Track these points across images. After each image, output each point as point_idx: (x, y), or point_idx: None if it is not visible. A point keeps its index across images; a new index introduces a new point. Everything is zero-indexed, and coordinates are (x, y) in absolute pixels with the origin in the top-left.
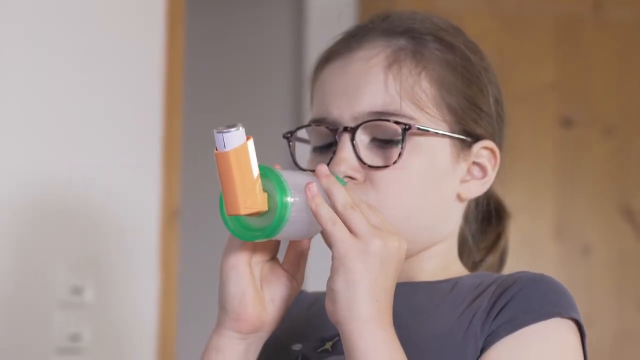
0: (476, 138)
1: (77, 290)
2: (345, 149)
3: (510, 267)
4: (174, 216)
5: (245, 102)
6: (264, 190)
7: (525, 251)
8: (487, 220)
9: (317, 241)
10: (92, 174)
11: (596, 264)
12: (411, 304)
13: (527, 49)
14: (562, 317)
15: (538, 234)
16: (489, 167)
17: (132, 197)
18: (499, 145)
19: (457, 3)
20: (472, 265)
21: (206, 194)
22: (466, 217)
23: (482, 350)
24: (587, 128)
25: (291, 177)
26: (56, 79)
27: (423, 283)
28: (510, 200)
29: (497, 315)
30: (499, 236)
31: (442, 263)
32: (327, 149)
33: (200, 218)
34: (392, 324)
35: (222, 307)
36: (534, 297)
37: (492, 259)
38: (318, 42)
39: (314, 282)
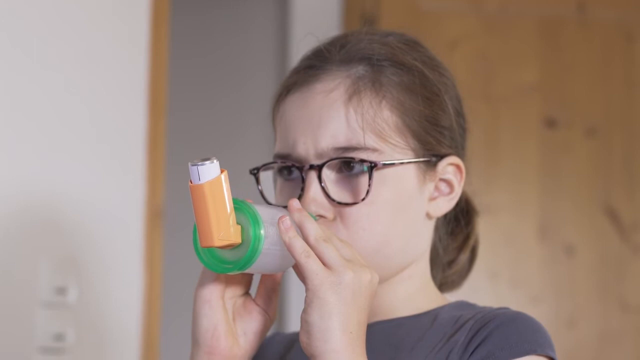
0: (441, 156)
1: (61, 290)
2: (312, 187)
3: (495, 266)
4: (158, 216)
5: (229, 101)
6: (238, 223)
7: (509, 251)
8: (454, 221)
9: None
10: (76, 174)
11: (579, 264)
12: (392, 341)
13: (510, 49)
14: (538, 354)
15: (521, 234)
16: (455, 182)
17: (116, 197)
18: (463, 157)
19: (440, 4)
20: (445, 267)
21: (190, 194)
22: (436, 228)
23: None
24: (571, 128)
25: (264, 211)
26: (38, 80)
27: (403, 319)
28: (494, 200)
29: (473, 351)
30: (468, 235)
31: (418, 285)
32: (295, 178)
33: (184, 218)
34: (365, 356)
35: (195, 341)
36: (511, 334)
37: (463, 257)
38: (302, 45)
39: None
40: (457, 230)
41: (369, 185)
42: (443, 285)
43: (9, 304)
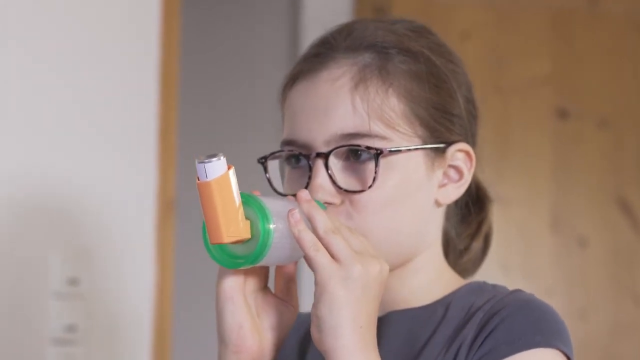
0: (449, 143)
1: (72, 281)
2: (320, 175)
3: (507, 258)
4: (169, 207)
5: (241, 92)
6: (246, 217)
7: (521, 243)
8: (466, 209)
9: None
10: (88, 165)
11: (592, 256)
12: (407, 336)
13: (522, 41)
14: (543, 347)
15: (534, 226)
16: (464, 169)
17: (128, 188)
18: (473, 144)
19: None
20: (458, 254)
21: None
22: (447, 216)
23: None
24: (583, 120)
25: (272, 204)
26: (51, 71)
27: (417, 309)
28: (506, 192)
29: (479, 347)
30: (481, 223)
31: (432, 276)
32: (302, 166)
33: (196, 208)
34: (376, 349)
35: (222, 339)
36: (516, 327)
37: (476, 245)
38: (314, 35)
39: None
40: (469, 218)
41: (375, 172)
42: (456, 273)
43: (21, 295)
